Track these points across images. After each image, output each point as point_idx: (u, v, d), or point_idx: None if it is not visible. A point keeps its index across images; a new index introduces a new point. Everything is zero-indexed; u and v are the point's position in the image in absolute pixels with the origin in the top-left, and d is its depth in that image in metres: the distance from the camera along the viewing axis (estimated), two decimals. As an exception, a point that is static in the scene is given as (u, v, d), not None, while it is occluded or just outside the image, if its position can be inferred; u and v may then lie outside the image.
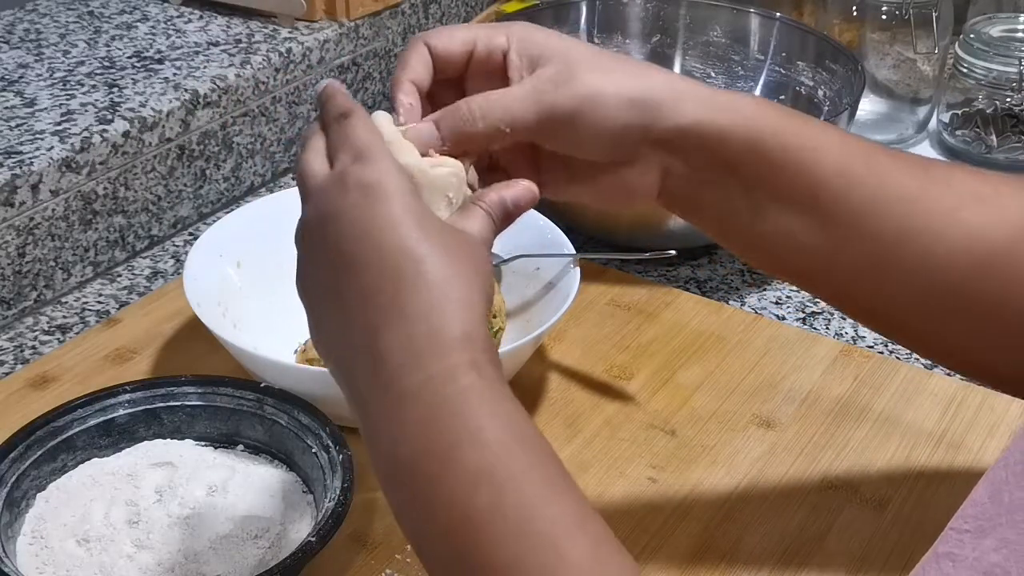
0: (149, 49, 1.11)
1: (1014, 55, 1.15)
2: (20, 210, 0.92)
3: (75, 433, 0.74)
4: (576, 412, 0.85)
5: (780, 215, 0.63)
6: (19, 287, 0.95)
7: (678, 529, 0.76)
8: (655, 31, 1.20)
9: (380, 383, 0.53)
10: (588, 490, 0.78)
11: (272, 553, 0.69)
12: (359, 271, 0.54)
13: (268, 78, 1.11)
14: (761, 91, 1.15)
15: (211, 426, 0.76)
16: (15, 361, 0.91)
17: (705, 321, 0.95)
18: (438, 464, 0.51)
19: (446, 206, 0.57)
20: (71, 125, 0.98)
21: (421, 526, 0.52)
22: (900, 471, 0.81)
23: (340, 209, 0.54)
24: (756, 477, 0.80)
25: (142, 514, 0.70)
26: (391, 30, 1.24)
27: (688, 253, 1.03)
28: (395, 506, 0.53)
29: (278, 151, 1.16)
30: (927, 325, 0.65)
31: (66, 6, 1.20)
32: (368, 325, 0.53)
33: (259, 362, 0.78)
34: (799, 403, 0.87)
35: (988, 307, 0.62)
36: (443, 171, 0.58)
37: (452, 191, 0.58)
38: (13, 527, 0.69)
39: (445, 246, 0.54)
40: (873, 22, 1.20)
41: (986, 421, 0.85)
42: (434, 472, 0.51)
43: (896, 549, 0.75)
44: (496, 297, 0.87)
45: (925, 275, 0.62)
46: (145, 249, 1.05)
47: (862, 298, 0.66)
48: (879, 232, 0.62)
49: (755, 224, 0.63)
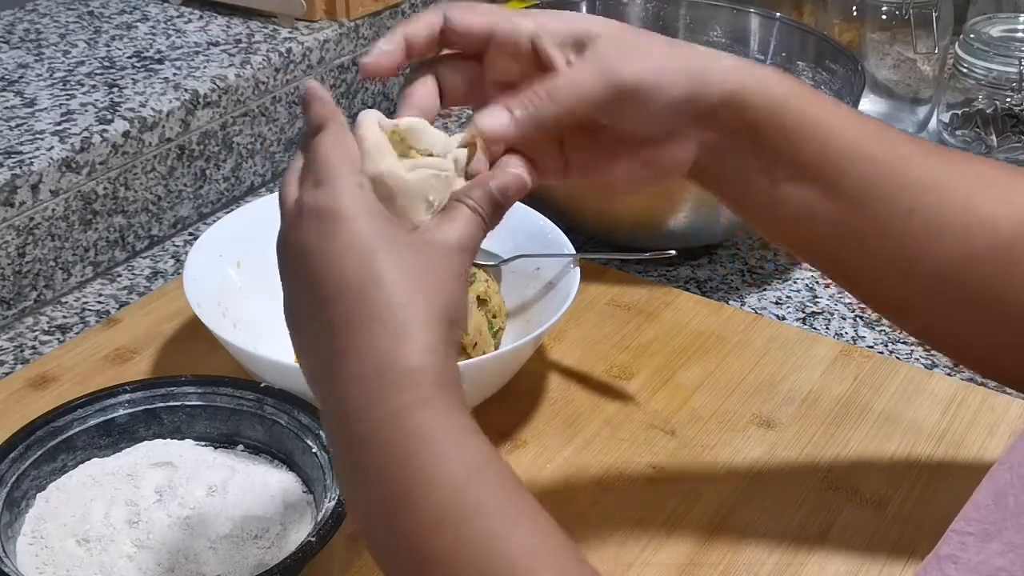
0: (149, 49, 1.11)
1: (1014, 55, 1.15)
2: (20, 210, 0.92)
3: (75, 433, 0.73)
4: (576, 412, 0.85)
5: (793, 185, 0.63)
6: (19, 287, 0.95)
7: (678, 529, 0.76)
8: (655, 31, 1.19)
9: (340, 428, 0.53)
10: (588, 490, 0.79)
11: (272, 553, 0.69)
12: (321, 305, 0.53)
13: (268, 78, 1.11)
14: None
15: (211, 426, 0.76)
16: (15, 361, 0.91)
17: (705, 321, 0.95)
18: (393, 511, 0.50)
19: (426, 209, 0.56)
20: (71, 125, 0.98)
21: (389, 568, 0.52)
22: (900, 471, 0.81)
23: (300, 240, 0.54)
24: (756, 477, 0.80)
25: (142, 514, 0.70)
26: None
27: (688, 253, 1.03)
28: (366, 544, 0.54)
29: (278, 151, 1.16)
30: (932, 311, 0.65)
31: (66, 6, 1.20)
32: (330, 366, 0.53)
33: (259, 362, 0.78)
34: (799, 403, 0.87)
35: (991, 296, 0.62)
36: (422, 173, 0.56)
37: (433, 193, 0.56)
38: (13, 527, 0.69)
39: (403, 266, 0.53)
40: (873, 22, 1.20)
41: (986, 421, 0.85)
42: (391, 519, 0.51)
43: (896, 549, 0.75)
44: (496, 297, 0.87)
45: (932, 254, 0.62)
46: (145, 249, 1.05)
47: (869, 275, 0.66)
48: (889, 207, 0.62)
49: (770, 193, 0.63)
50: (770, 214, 0.65)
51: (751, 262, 1.04)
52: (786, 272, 1.03)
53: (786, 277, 1.02)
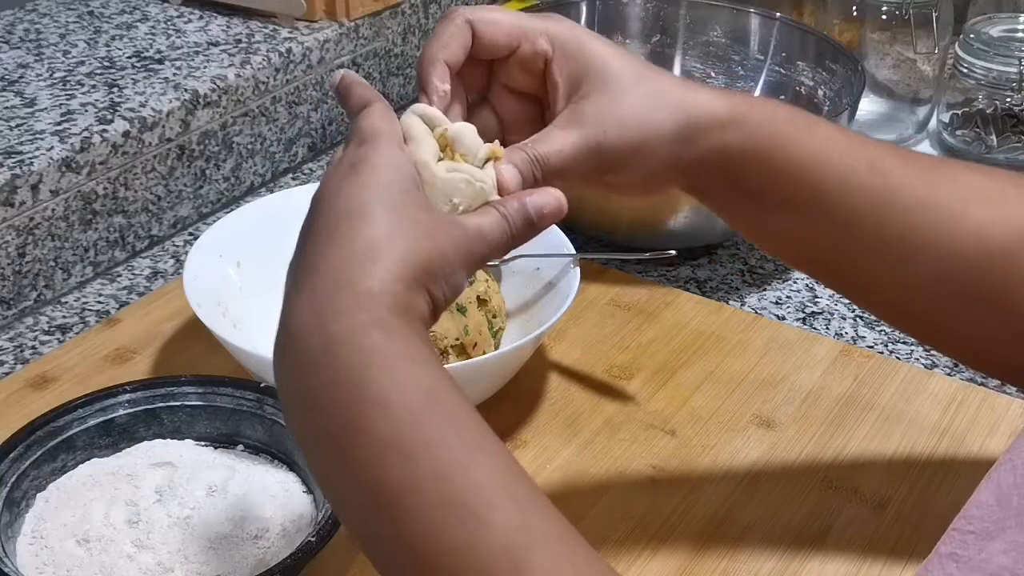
0: (149, 49, 1.11)
1: (1014, 55, 1.15)
2: (20, 210, 0.92)
3: (75, 433, 0.73)
4: (576, 412, 0.85)
5: (784, 217, 0.64)
6: (19, 287, 0.94)
7: (678, 529, 0.76)
8: (655, 31, 1.20)
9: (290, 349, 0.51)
10: (588, 490, 0.79)
11: (272, 553, 0.69)
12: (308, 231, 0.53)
13: (268, 78, 1.11)
14: (761, 91, 1.15)
15: (211, 426, 0.76)
16: (15, 361, 0.91)
17: (705, 321, 0.95)
18: (344, 436, 0.48)
19: (450, 211, 0.56)
20: (71, 125, 0.98)
21: (340, 504, 0.50)
22: (900, 471, 0.81)
23: (326, 182, 0.54)
24: (756, 477, 0.80)
25: (142, 514, 0.70)
26: (391, 30, 1.24)
27: (688, 253, 1.03)
28: (316, 479, 0.51)
29: (278, 151, 1.16)
30: (934, 318, 0.66)
31: (66, 6, 1.20)
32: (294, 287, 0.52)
33: (259, 362, 0.78)
34: (799, 403, 0.87)
35: (992, 302, 0.63)
36: (453, 176, 0.56)
37: (459, 196, 0.56)
38: (13, 527, 0.69)
39: (399, 211, 0.52)
40: (873, 22, 1.20)
41: (986, 420, 0.85)
42: (342, 444, 0.48)
43: (896, 549, 0.75)
44: (496, 297, 0.87)
45: (930, 271, 0.63)
46: (145, 249, 1.05)
47: (868, 290, 0.67)
48: (883, 232, 0.63)
49: (759, 218, 0.65)
50: (760, 233, 0.68)
51: (751, 262, 1.04)
52: (786, 272, 1.03)
53: (786, 277, 1.02)
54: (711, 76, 1.18)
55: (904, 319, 0.69)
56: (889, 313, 0.70)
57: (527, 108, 0.64)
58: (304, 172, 1.18)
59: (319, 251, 0.51)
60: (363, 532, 0.50)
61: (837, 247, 0.64)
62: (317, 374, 0.49)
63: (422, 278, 0.51)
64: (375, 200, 0.52)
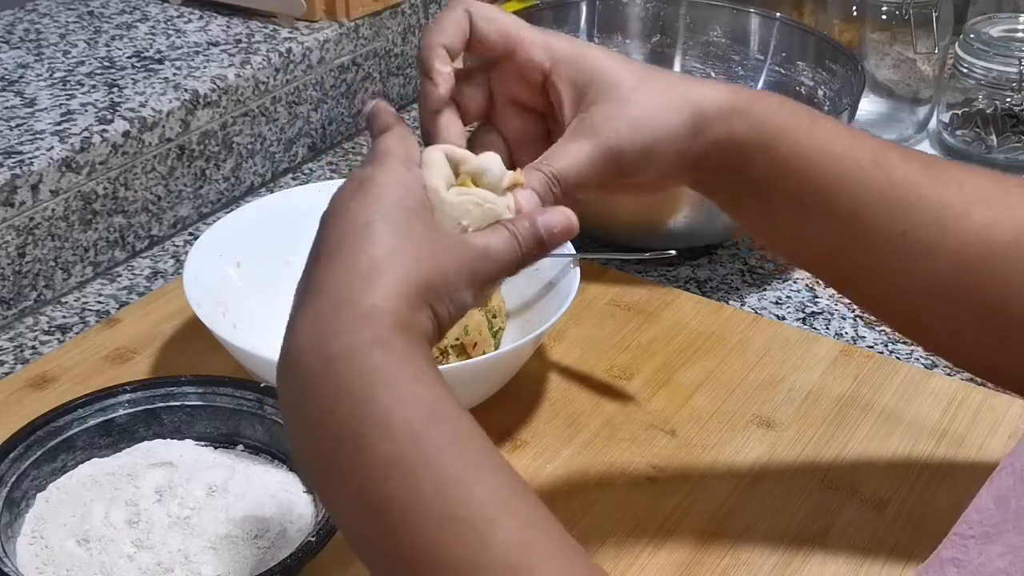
0: (149, 49, 1.11)
1: (1014, 55, 1.15)
2: (20, 210, 0.92)
3: (75, 433, 0.73)
4: (576, 412, 0.85)
5: (785, 209, 0.64)
6: (19, 287, 0.95)
7: (678, 529, 0.76)
8: (655, 31, 1.20)
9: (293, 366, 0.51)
10: (588, 490, 0.79)
11: (272, 553, 0.69)
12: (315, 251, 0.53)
13: (268, 78, 1.11)
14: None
15: (211, 426, 0.76)
16: (15, 361, 0.91)
17: (705, 321, 0.95)
18: (345, 454, 0.48)
19: (459, 233, 0.55)
20: (71, 125, 0.98)
21: (342, 521, 0.50)
22: (900, 471, 0.81)
23: (336, 201, 0.54)
24: (756, 477, 0.80)
25: (142, 514, 0.70)
26: (391, 30, 1.24)
27: (688, 253, 1.03)
28: (319, 496, 0.52)
29: (278, 151, 1.16)
30: (932, 320, 0.66)
31: (66, 6, 1.20)
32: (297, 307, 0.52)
33: (259, 362, 0.78)
34: (799, 403, 0.87)
35: (991, 305, 0.63)
36: (463, 199, 0.56)
37: (467, 218, 0.55)
38: (13, 527, 0.69)
39: (404, 228, 0.52)
40: (873, 22, 1.20)
41: (986, 421, 0.85)
42: (343, 462, 0.48)
43: (896, 549, 0.75)
44: (496, 297, 0.87)
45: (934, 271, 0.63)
46: (145, 249, 1.05)
47: (868, 289, 0.67)
48: (886, 228, 0.63)
49: (763, 214, 0.66)
50: (763, 229, 0.68)
51: (751, 262, 1.04)
52: (786, 272, 1.03)
53: (786, 277, 1.02)
54: (711, 76, 1.18)
55: (910, 324, 0.69)
56: (895, 318, 0.70)
57: (532, 126, 0.64)
58: (304, 172, 1.18)
59: (322, 269, 0.52)
60: (365, 548, 0.50)
61: (841, 244, 0.64)
62: (318, 393, 0.50)
63: (425, 295, 0.52)
64: (378, 218, 0.52)
